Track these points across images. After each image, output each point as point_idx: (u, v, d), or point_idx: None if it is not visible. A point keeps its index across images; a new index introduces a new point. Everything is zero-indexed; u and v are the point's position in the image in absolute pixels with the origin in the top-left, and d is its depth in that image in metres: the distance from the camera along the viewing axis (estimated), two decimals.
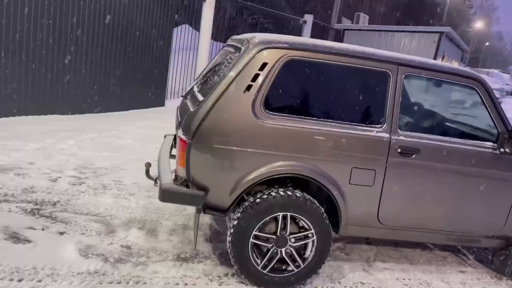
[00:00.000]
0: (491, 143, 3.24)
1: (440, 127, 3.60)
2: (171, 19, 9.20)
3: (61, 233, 3.45)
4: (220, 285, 3.06)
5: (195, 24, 10.49)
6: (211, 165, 2.86)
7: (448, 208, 3.22)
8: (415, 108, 3.53)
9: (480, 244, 3.45)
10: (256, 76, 2.86)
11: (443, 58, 14.78)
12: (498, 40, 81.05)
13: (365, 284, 3.33)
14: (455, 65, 3.30)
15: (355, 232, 3.24)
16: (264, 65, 2.86)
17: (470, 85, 3.19)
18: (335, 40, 15.97)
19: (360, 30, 15.19)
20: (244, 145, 2.85)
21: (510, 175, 3.24)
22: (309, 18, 14.30)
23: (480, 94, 3.19)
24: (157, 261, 3.26)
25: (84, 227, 3.63)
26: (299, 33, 14.02)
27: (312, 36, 14.59)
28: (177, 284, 2.99)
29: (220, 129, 2.83)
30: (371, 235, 3.31)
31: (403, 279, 3.47)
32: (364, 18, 16.54)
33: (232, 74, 2.85)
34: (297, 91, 2.99)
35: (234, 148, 2.84)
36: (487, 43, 70.69)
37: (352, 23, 17.08)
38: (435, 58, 13.76)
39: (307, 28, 14.24)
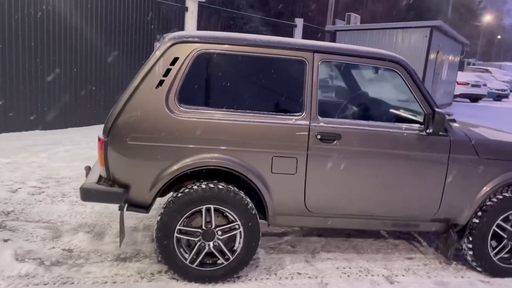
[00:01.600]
0: (418, 125, 3.20)
1: (363, 111, 3.58)
2: (150, 35, 9.34)
3: (5, 240, 3.51)
4: (150, 281, 3.08)
5: None
6: (128, 162, 2.90)
7: (377, 193, 3.19)
8: (337, 94, 3.52)
9: (419, 228, 3.40)
10: (168, 71, 2.89)
11: (437, 53, 14.63)
12: (510, 32, 79.80)
13: (302, 274, 3.31)
14: (380, 50, 3.27)
15: (285, 222, 3.23)
16: (175, 59, 2.91)
17: (390, 68, 3.18)
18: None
19: (351, 30, 15.15)
20: (159, 140, 2.88)
21: (438, 156, 3.19)
22: (299, 22, 14.34)
23: (402, 76, 3.17)
24: (95, 262, 3.29)
25: (31, 233, 3.69)
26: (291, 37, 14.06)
27: (305, 39, 14.64)
28: (106, 282, 3.02)
29: (134, 126, 2.87)
30: (303, 224, 3.30)
31: (343, 268, 3.44)
32: (355, 18, 16.52)
33: (144, 70, 2.90)
34: (212, 84, 3.02)
35: (149, 143, 2.87)
36: (499, 36, 69.72)
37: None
38: (427, 54, 13.65)
39: (298, 32, 14.28)
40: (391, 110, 3.38)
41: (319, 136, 3.04)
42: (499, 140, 3.36)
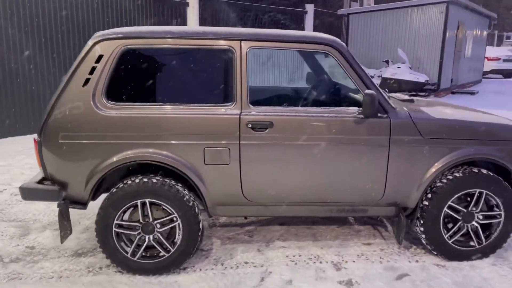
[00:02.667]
0: (356, 108, 3.13)
1: (297, 98, 3.52)
2: None
3: None
4: (95, 275, 3.17)
5: None
6: (61, 161, 2.99)
7: (316, 180, 3.14)
8: (269, 81, 3.45)
9: (368, 213, 3.33)
10: (93, 69, 2.95)
11: (458, 29, 14.08)
12: None
13: (248, 263, 3.31)
14: (318, 33, 3.21)
15: (226, 212, 3.24)
16: (100, 57, 2.96)
17: (323, 51, 3.11)
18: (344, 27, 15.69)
19: (364, 12, 14.77)
20: (89, 138, 2.95)
21: (378, 139, 3.11)
22: (309, 8, 14.12)
23: (336, 58, 3.10)
24: (51, 258, 3.42)
25: (1, 232, 3.85)
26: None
27: (319, 25, 14.40)
28: (52, 278, 3.14)
29: (64, 125, 2.94)
30: (245, 214, 3.30)
31: (293, 256, 3.42)
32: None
33: (71, 69, 2.96)
34: (140, 79, 3.05)
35: (79, 141, 2.95)
36: None
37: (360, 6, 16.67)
38: (444, 30, 13.15)
39: (309, 18, 14.08)
40: (329, 95, 3.31)
41: (250, 125, 3.02)
42: (446, 119, 3.23)
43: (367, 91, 2.93)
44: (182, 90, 3.06)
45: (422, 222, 3.28)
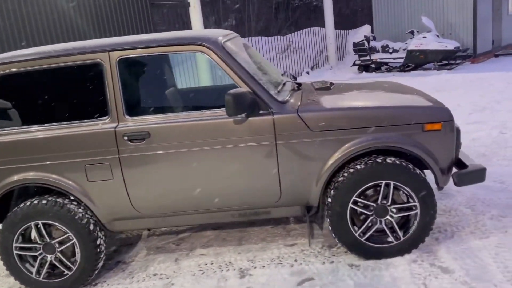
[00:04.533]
0: None
1: (175, 105, 3.36)
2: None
3: None
4: None
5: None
6: None
7: (205, 186, 3.01)
8: (145, 90, 3.32)
9: (271, 215, 3.15)
10: None
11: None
12: None
13: (157, 275, 3.27)
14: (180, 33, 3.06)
15: (123, 227, 3.21)
16: None
17: (197, 51, 2.95)
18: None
19: None
20: None
21: (263, 138, 2.91)
22: None
23: (210, 57, 2.93)
24: None
25: None
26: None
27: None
28: None
29: None
30: (144, 227, 3.24)
31: (205, 264, 3.32)
32: None
33: None
34: (18, 103, 3.07)
35: None
36: None
37: None
38: (475, 6, 12.14)
39: (328, 2, 13.66)
40: (209, 96, 3.14)
41: (126, 138, 2.94)
42: (336, 108, 2.95)
43: (230, 91, 2.73)
44: (58, 109, 3.05)
45: (329, 220, 3.03)
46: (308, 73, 13.63)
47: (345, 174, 2.95)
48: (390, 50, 12.74)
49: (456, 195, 3.91)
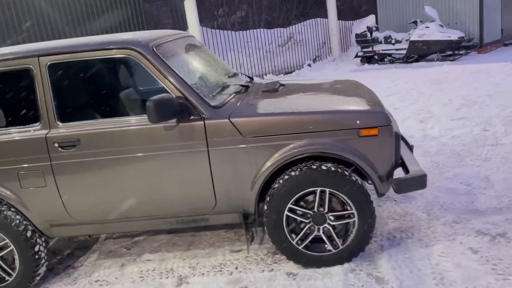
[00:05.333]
0: None
1: (106, 110, 3.28)
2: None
3: None
4: None
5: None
6: None
7: (140, 193, 2.96)
8: (77, 96, 3.26)
9: (209, 222, 3.08)
10: None
11: None
12: None
13: (98, 282, 3.25)
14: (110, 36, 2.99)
15: (63, 233, 3.19)
16: None
17: (126, 55, 2.88)
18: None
19: None
20: None
21: (195, 144, 2.84)
22: None
23: (140, 61, 2.86)
24: None
25: None
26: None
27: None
28: None
29: None
30: (82, 233, 3.22)
31: (147, 271, 3.27)
32: None
33: None
34: None
35: None
36: None
37: None
38: None
39: None
40: (141, 102, 3.07)
41: (56, 144, 2.90)
42: (269, 113, 2.85)
43: (151, 98, 2.64)
44: None
45: (266, 228, 2.95)
46: (309, 65, 13.43)
47: (281, 181, 2.86)
48: (393, 41, 12.44)
49: (418, 198, 3.78)
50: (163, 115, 2.66)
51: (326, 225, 2.90)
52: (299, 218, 2.90)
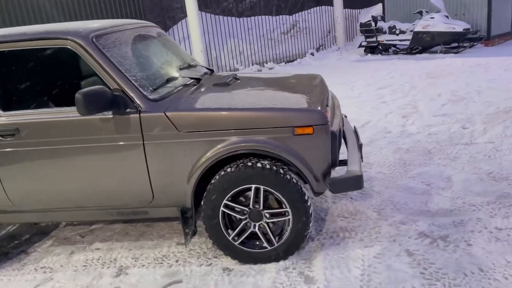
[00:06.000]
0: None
1: (46, 100, 3.28)
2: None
3: None
4: None
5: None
6: None
7: (78, 183, 2.97)
8: (18, 85, 3.26)
9: (149, 215, 3.08)
10: None
11: None
12: None
13: (44, 268, 3.29)
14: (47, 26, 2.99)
15: (6, 220, 3.23)
16: None
17: (64, 45, 2.87)
18: None
19: None
20: None
21: (130, 137, 2.83)
22: None
23: (78, 52, 2.85)
24: None
25: None
26: None
27: None
28: None
29: None
30: (26, 221, 3.25)
31: (92, 260, 3.32)
32: None
33: None
34: None
35: None
36: None
37: None
38: None
39: None
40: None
41: None
42: (204, 109, 2.82)
43: (80, 91, 2.63)
44: None
45: (203, 223, 2.95)
46: (312, 54, 13.29)
47: (217, 177, 2.84)
48: (397, 32, 12.21)
49: (374, 196, 3.74)
50: (93, 107, 2.65)
51: (262, 222, 2.88)
52: (234, 214, 2.89)
